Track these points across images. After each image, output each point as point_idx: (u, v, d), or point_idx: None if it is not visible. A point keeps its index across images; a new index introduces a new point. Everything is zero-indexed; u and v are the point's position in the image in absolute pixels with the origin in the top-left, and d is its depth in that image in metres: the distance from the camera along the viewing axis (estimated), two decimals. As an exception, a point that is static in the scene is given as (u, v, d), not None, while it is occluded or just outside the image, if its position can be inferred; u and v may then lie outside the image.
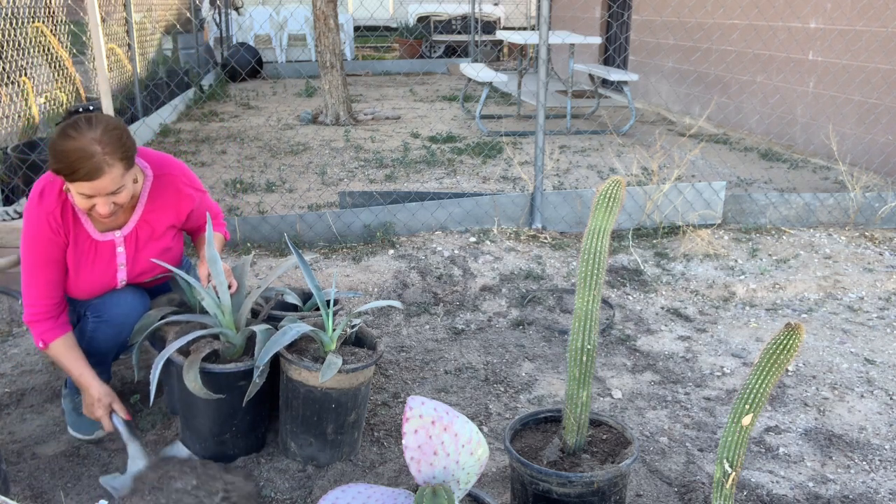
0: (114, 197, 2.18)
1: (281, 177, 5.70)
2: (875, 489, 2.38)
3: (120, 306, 2.41)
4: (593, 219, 1.95)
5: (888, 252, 4.27)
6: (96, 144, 2.08)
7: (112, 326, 2.40)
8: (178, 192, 2.45)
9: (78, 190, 2.14)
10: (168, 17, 9.59)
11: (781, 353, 1.65)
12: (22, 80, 4.96)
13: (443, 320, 3.50)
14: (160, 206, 2.43)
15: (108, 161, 2.10)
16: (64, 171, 2.11)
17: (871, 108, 5.89)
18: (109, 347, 2.45)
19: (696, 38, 7.92)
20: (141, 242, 2.43)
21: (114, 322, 2.40)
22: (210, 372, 2.29)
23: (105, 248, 2.38)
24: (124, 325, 2.42)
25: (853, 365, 3.15)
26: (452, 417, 1.60)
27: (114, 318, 2.40)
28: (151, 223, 2.43)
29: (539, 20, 4.29)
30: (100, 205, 2.17)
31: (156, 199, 2.42)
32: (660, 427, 2.70)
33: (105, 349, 2.45)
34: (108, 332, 2.41)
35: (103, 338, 2.42)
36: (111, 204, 2.18)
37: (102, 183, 2.12)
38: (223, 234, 2.70)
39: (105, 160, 2.09)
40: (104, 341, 2.42)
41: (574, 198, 4.56)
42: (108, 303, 2.41)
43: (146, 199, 2.40)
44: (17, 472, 2.36)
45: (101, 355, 2.46)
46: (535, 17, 12.04)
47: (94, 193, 2.14)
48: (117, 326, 2.41)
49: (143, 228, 2.42)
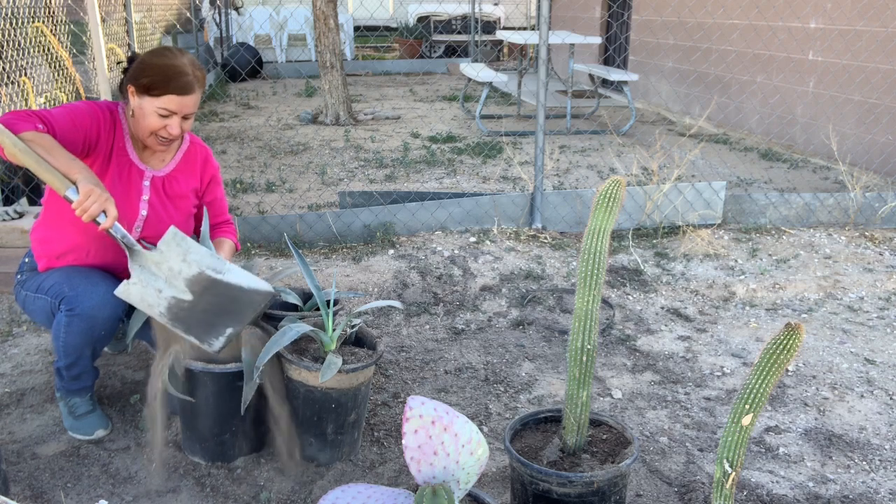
0: (185, 122, 2.39)
1: (281, 177, 5.70)
2: (875, 489, 2.38)
3: (92, 298, 2.34)
4: (593, 219, 1.95)
5: (888, 252, 4.27)
6: (190, 66, 2.34)
7: (84, 320, 2.34)
8: (206, 160, 2.65)
9: (163, 105, 2.32)
10: (168, 17, 9.59)
11: (781, 353, 1.65)
12: (22, 80, 4.96)
13: (443, 320, 3.50)
14: (190, 168, 2.60)
15: (198, 83, 2.36)
16: (156, 84, 2.30)
17: (871, 108, 5.89)
18: (84, 342, 2.39)
19: (696, 38, 7.93)
20: (165, 193, 2.54)
21: (86, 315, 2.33)
22: (210, 372, 2.29)
23: (136, 174, 2.48)
24: (96, 318, 2.34)
25: (853, 365, 3.15)
26: (452, 417, 1.60)
27: (85, 311, 2.33)
28: (179, 179, 2.57)
29: (539, 20, 4.29)
30: (173, 125, 2.36)
31: (188, 160, 2.60)
32: (660, 427, 2.70)
33: (80, 345, 2.39)
34: (80, 326, 2.35)
35: (77, 332, 2.35)
36: (181, 127, 2.38)
37: (189, 100, 2.35)
38: (234, 243, 2.74)
39: (196, 80, 2.35)
40: (78, 336, 2.36)
41: (574, 198, 4.56)
42: (80, 296, 2.34)
43: (181, 157, 2.58)
44: (17, 472, 2.36)
45: (78, 352, 2.41)
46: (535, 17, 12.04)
47: (177, 110, 2.34)
48: (89, 319, 2.34)
49: (171, 182, 2.55)
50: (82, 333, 2.37)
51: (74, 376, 2.49)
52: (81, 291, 2.35)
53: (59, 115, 2.27)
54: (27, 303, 2.51)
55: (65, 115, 2.29)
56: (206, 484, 2.34)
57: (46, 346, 3.15)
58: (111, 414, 2.67)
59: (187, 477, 2.37)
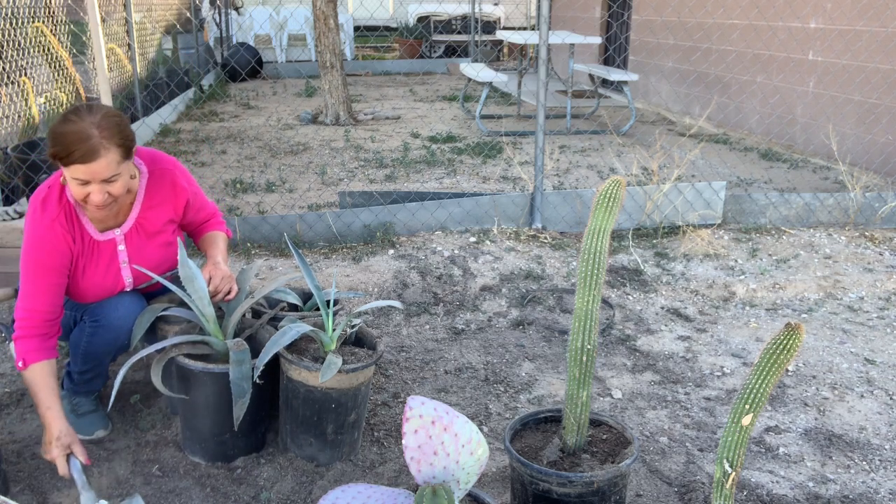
0: (108, 186, 2.18)
1: (281, 177, 5.70)
2: (875, 489, 2.38)
3: (118, 310, 2.40)
4: (593, 219, 1.95)
5: (888, 252, 4.27)
6: (94, 128, 2.10)
7: (110, 331, 2.39)
8: (174, 185, 2.47)
9: (73, 175, 2.14)
10: (168, 17, 9.59)
11: (781, 353, 1.65)
12: (22, 80, 4.96)
13: (443, 320, 3.50)
14: (158, 202, 2.45)
15: (105, 145, 2.11)
16: (61, 154, 2.11)
17: (871, 108, 5.89)
18: (107, 352, 2.44)
19: (696, 38, 7.92)
20: (142, 239, 2.44)
21: (112, 326, 2.39)
22: (210, 372, 2.29)
23: (106, 247, 2.39)
24: (122, 329, 2.40)
25: (853, 365, 3.15)
26: (452, 417, 1.60)
27: (112, 323, 2.39)
28: (150, 219, 2.45)
29: (539, 20, 4.29)
30: (94, 192, 2.16)
31: (153, 194, 2.44)
32: (660, 427, 2.70)
33: (102, 353, 2.44)
34: (106, 337, 2.40)
35: (101, 342, 2.41)
36: (105, 193, 2.18)
37: (98, 167, 2.12)
38: (225, 232, 2.70)
39: (102, 143, 2.11)
40: (102, 346, 2.42)
41: (574, 198, 4.56)
42: (106, 307, 2.40)
43: (144, 195, 2.42)
44: (17, 472, 2.36)
45: (98, 360, 2.46)
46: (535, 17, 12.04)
47: (89, 178, 2.14)
48: (115, 331, 2.40)
49: (143, 225, 2.44)
50: (107, 343, 2.41)
51: (87, 380, 2.52)
52: (107, 304, 2.40)
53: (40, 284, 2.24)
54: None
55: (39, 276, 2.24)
56: (206, 484, 2.34)
57: (46, 346, 3.14)
58: (111, 414, 2.67)
59: (187, 477, 2.36)
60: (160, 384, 2.29)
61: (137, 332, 2.43)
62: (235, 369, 2.24)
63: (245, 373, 2.24)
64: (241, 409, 2.22)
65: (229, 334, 2.41)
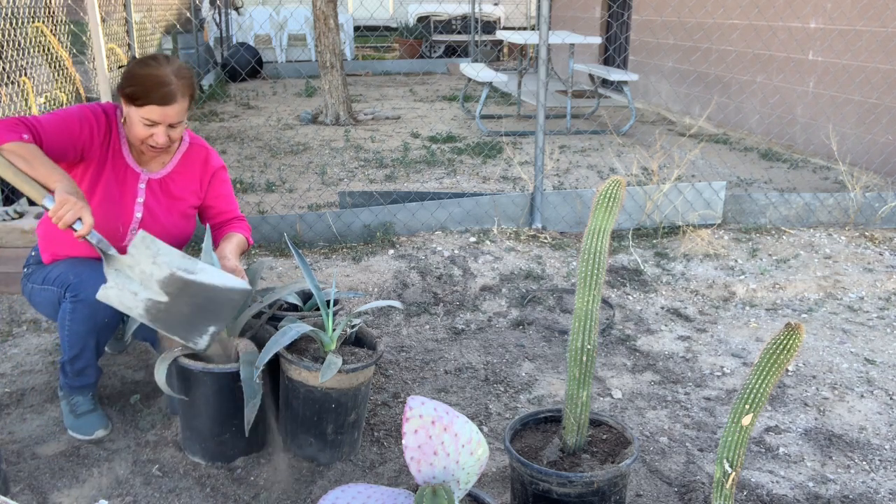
0: (172, 130, 2.38)
1: (281, 177, 5.70)
2: (875, 489, 2.38)
3: (95, 285, 2.34)
4: (593, 219, 1.95)
5: (888, 252, 4.27)
6: (173, 76, 2.31)
7: (88, 306, 2.37)
8: (206, 161, 2.63)
9: (146, 115, 2.32)
10: (168, 17, 9.59)
11: (781, 353, 1.65)
12: (22, 80, 4.96)
13: (443, 320, 3.50)
14: (188, 170, 2.60)
15: (181, 92, 2.33)
16: (138, 94, 2.30)
17: (871, 108, 5.89)
18: (89, 330, 2.41)
19: (696, 38, 7.93)
20: (162, 195, 2.54)
21: (89, 301, 2.35)
22: (210, 372, 2.30)
23: (132, 175, 2.50)
24: (99, 304, 2.34)
25: (853, 365, 3.15)
26: (452, 417, 1.60)
27: (89, 297, 2.35)
28: (177, 181, 2.57)
29: (539, 20, 4.29)
30: (159, 134, 2.35)
31: (187, 161, 2.60)
32: (660, 427, 2.70)
33: (85, 332, 2.41)
34: (84, 312, 2.38)
35: (81, 318, 2.39)
36: (167, 136, 2.37)
37: (171, 111, 2.33)
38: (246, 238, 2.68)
39: (179, 90, 2.32)
40: (81, 322, 2.39)
41: (574, 198, 4.57)
42: (84, 283, 2.38)
43: (179, 159, 2.58)
44: (17, 472, 2.36)
45: (83, 341, 2.43)
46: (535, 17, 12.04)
47: (160, 120, 2.33)
48: (92, 306, 2.36)
49: (168, 184, 2.56)
50: (86, 320, 2.40)
51: (79, 371, 2.50)
52: (86, 278, 2.40)
53: (49, 123, 2.29)
54: (34, 295, 2.56)
55: (54, 123, 2.31)
56: (206, 484, 2.34)
57: (46, 347, 3.15)
58: (111, 414, 2.67)
59: (187, 477, 2.37)
60: (163, 383, 2.28)
61: (132, 325, 2.41)
62: (246, 369, 2.25)
63: (255, 373, 2.24)
64: (253, 410, 2.21)
65: (235, 334, 2.41)
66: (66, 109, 2.40)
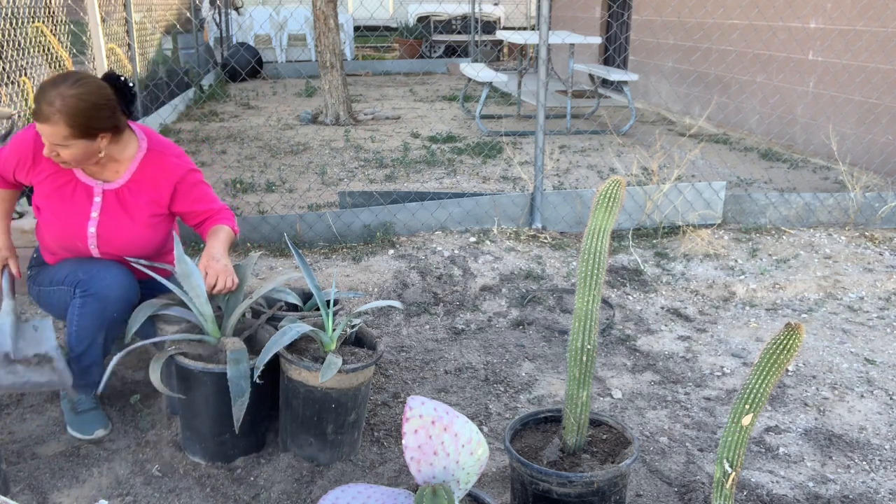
0: (58, 148, 2.32)
1: (281, 177, 5.70)
2: (875, 489, 2.38)
3: (105, 279, 2.42)
4: (593, 219, 1.95)
5: (888, 252, 4.27)
6: (58, 98, 2.24)
7: (98, 300, 2.40)
8: (165, 169, 2.53)
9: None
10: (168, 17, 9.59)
11: (781, 353, 1.65)
12: (22, 80, 4.96)
13: (443, 320, 3.50)
14: (146, 177, 2.52)
15: (56, 118, 2.25)
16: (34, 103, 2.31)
17: (871, 108, 5.89)
18: (97, 326, 2.43)
19: (696, 38, 7.93)
20: (120, 207, 2.49)
21: (99, 295, 2.39)
22: (210, 372, 2.29)
23: (83, 189, 2.48)
24: (109, 298, 2.41)
25: (853, 365, 3.15)
26: (452, 417, 1.60)
27: (99, 291, 2.40)
28: (134, 191, 2.51)
29: (539, 20, 4.29)
30: (46, 146, 2.33)
31: (144, 169, 2.52)
32: (660, 427, 2.70)
33: (94, 329, 2.43)
34: (94, 307, 2.40)
35: (90, 312, 2.40)
36: (55, 151, 2.33)
37: (45, 129, 2.28)
38: (231, 227, 2.64)
39: (54, 114, 2.24)
40: (90, 317, 2.41)
41: (574, 198, 4.57)
42: (93, 278, 2.42)
43: (136, 168, 2.51)
44: (17, 472, 2.36)
45: (91, 338, 2.44)
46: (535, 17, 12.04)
47: (41, 134, 2.30)
48: (102, 300, 2.40)
49: (125, 194, 2.50)
50: (95, 315, 2.41)
51: (84, 368, 2.49)
52: (95, 273, 2.43)
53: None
54: (42, 297, 2.58)
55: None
56: (206, 484, 2.34)
57: (46, 346, 3.14)
58: (111, 414, 2.67)
59: (187, 477, 2.37)
60: (159, 383, 2.28)
61: (133, 326, 2.42)
62: (233, 368, 2.23)
63: (243, 371, 2.23)
64: (241, 409, 2.21)
65: (228, 334, 2.41)
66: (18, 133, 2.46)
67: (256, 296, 2.47)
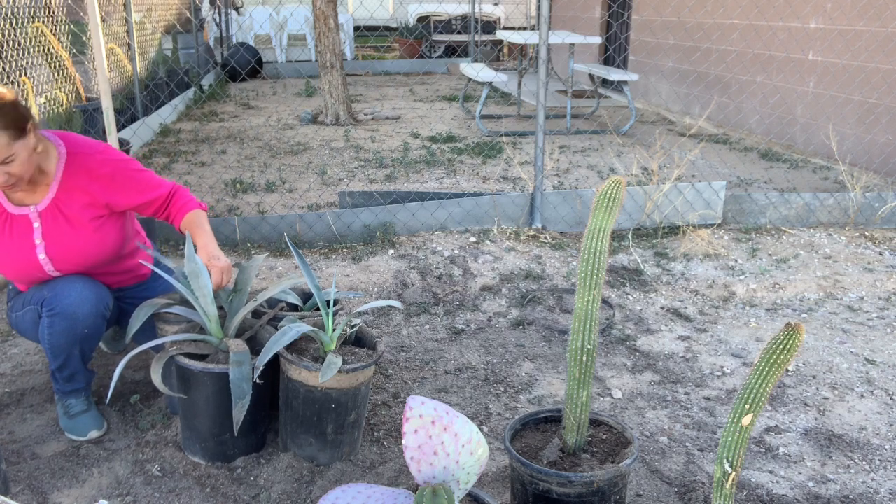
0: (7, 167, 2.19)
1: (281, 177, 5.70)
2: (875, 489, 2.38)
3: (69, 297, 2.38)
4: (593, 219, 1.95)
5: (888, 252, 4.27)
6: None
7: (64, 318, 2.37)
8: (89, 170, 2.42)
9: None
10: (168, 17, 9.59)
11: (781, 353, 1.65)
12: (22, 80, 4.96)
13: (443, 320, 3.50)
14: (74, 185, 2.41)
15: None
16: None
17: (871, 108, 5.89)
18: (69, 342, 2.41)
19: (696, 38, 7.93)
20: (61, 221, 2.41)
21: (65, 313, 2.36)
22: (210, 372, 2.29)
23: (20, 221, 2.39)
24: (76, 315, 2.37)
25: (853, 365, 3.15)
26: (452, 417, 1.60)
27: (65, 310, 2.36)
28: (67, 201, 2.42)
29: (539, 20, 4.29)
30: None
31: (70, 176, 2.41)
32: (660, 427, 2.70)
33: (65, 344, 2.41)
34: (62, 325, 2.38)
35: (59, 331, 2.38)
36: (6, 174, 2.20)
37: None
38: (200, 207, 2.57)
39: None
40: (61, 335, 2.39)
41: (574, 198, 4.56)
42: (58, 295, 2.38)
43: (61, 176, 2.40)
44: (17, 472, 2.36)
45: (66, 353, 2.43)
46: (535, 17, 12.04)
47: None
48: (69, 318, 2.37)
49: (60, 207, 2.41)
50: (65, 333, 2.39)
51: (67, 378, 2.51)
52: (59, 291, 2.39)
53: None
54: (19, 323, 2.55)
55: None
56: (206, 484, 2.34)
57: (46, 346, 3.15)
58: (111, 414, 2.67)
59: (187, 477, 2.36)
60: (160, 383, 2.28)
61: (133, 327, 2.42)
62: (235, 370, 2.23)
63: (245, 374, 2.23)
64: (241, 411, 2.20)
65: (231, 335, 2.41)
66: None
67: (262, 298, 2.47)
